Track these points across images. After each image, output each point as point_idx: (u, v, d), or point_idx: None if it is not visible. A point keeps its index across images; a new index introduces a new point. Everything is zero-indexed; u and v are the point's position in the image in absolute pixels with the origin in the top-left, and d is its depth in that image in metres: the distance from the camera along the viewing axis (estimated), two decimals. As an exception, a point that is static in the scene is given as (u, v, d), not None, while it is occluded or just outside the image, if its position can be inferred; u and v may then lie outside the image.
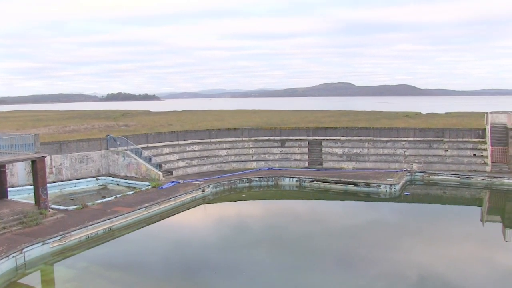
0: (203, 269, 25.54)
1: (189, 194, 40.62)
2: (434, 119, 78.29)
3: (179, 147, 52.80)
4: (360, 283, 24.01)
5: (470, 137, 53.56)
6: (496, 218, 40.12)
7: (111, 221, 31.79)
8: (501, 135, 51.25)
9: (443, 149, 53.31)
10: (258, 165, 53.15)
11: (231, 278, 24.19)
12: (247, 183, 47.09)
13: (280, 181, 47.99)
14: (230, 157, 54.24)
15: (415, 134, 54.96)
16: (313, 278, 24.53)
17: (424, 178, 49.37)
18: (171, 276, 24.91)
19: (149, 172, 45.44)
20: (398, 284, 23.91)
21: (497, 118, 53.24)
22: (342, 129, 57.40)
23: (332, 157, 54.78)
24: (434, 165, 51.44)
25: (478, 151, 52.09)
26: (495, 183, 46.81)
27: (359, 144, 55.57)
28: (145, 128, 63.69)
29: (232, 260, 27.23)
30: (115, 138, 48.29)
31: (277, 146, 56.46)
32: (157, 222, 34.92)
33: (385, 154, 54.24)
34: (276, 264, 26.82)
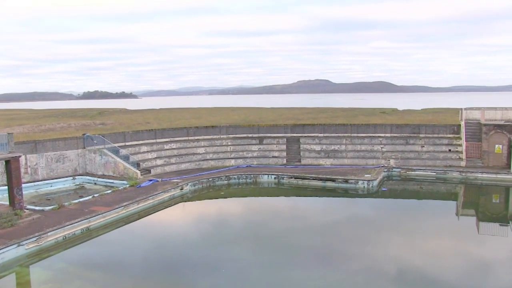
0: (183, 267, 25.48)
1: (168, 193, 40.42)
2: (410, 116, 79.41)
3: (157, 145, 52.47)
4: (340, 278, 24.27)
5: (445, 133, 54.50)
6: (470, 212, 40.91)
7: (89, 221, 31.44)
8: (475, 131, 52.24)
9: (420, 145, 54.10)
10: (237, 163, 53.16)
11: (211, 276, 24.16)
12: (225, 180, 47.05)
13: (259, 178, 48.08)
14: (208, 154, 54.13)
15: (392, 130, 55.66)
16: (294, 274, 24.67)
17: (401, 174, 50.02)
18: (151, 275, 24.74)
19: (127, 171, 45.06)
20: (378, 278, 24.21)
21: (471, 114, 54.28)
22: (320, 126, 57.77)
23: (310, 153, 55.09)
24: (411, 160, 52.14)
25: (453, 147, 53.00)
26: (470, 178, 47.74)
27: (337, 140, 55.99)
28: (123, 127, 63.14)
29: (212, 257, 27.19)
30: (92, 137, 47.74)
31: (255, 144, 56.55)
32: (135, 221, 34.64)
33: (363, 150, 54.77)
34: (257, 260, 26.92)
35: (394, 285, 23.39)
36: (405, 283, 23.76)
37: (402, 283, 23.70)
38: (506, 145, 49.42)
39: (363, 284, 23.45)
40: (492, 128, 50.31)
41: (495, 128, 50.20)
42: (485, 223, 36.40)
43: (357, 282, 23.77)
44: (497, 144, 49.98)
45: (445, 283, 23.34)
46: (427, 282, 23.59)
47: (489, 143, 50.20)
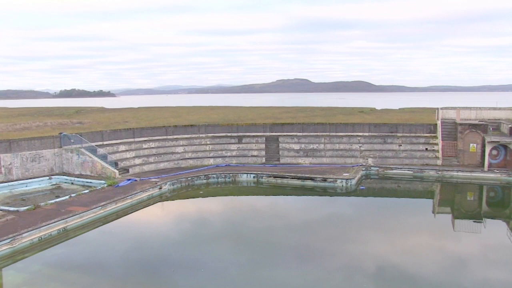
0: (162, 267, 25.33)
1: (146, 192, 40.14)
2: (388, 115, 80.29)
3: (135, 144, 52.05)
4: (320, 275, 24.44)
5: (422, 132, 55.25)
6: (446, 210, 41.61)
7: (66, 221, 31.04)
8: (451, 130, 53.10)
9: (397, 144, 54.74)
10: (216, 162, 53.06)
11: (191, 275, 24.08)
12: (204, 179, 46.92)
13: (238, 177, 48.07)
14: (187, 154, 53.90)
15: (370, 130, 56.20)
16: (274, 272, 24.75)
17: (379, 172, 50.55)
18: (130, 275, 24.57)
19: (104, 170, 44.60)
20: (357, 275, 24.50)
21: (447, 114, 55.17)
22: (298, 125, 57.99)
23: (289, 152, 55.28)
24: (389, 159, 52.74)
25: (430, 146, 53.78)
26: (446, 176, 48.52)
27: (316, 139, 56.30)
28: (100, 126, 62.48)
29: (192, 257, 27.09)
30: (69, 136, 47.12)
31: (234, 143, 56.50)
32: (113, 221, 34.33)
33: (341, 149, 55.17)
34: (237, 259, 26.91)
35: (374, 282, 23.64)
36: (384, 279, 24.07)
37: (381, 280, 23.98)
38: (480, 144, 50.34)
39: (343, 281, 23.70)
40: (467, 128, 51.19)
41: (470, 128, 51.09)
42: (460, 220, 37.09)
43: (337, 279, 24.02)
44: (471, 143, 50.88)
45: (422, 279, 23.73)
46: (405, 278, 24.00)
47: (464, 142, 51.07)
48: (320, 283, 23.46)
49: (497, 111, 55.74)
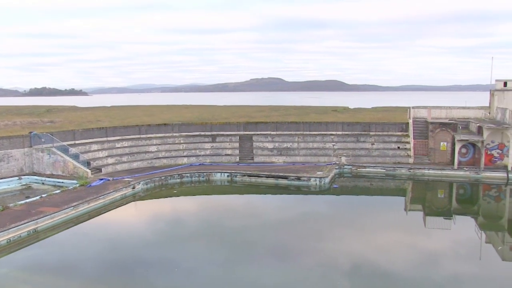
0: (136, 267, 25.11)
1: (119, 192, 39.69)
2: (361, 114, 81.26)
3: (108, 143, 51.40)
4: (296, 274, 24.62)
5: (394, 131, 56.06)
6: (418, 207, 42.33)
7: (36, 222, 30.42)
8: (422, 129, 54.04)
9: (370, 143, 55.41)
10: (189, 161, 52.81)
11: (165, 275, 23.91)
12: (178, 179, 46.67)
13: (212, 176, 47.96)
14: (161, 153, 53.51)
15: (343, 128, 56.74)
16: (250, 270, 24.82)
17: (352, 171, 51.10)
18: (103, 276, 24.26)
19: (76, 170, 43.91)
20: (333, 272, 24.82)
21: (418, 113, 56.17)
22: (272, 123, 58.17)
23: (263, 151, 55.40)
24: (362, 158, 53.35)
25: (402, 144, 54.59)
26: (417, 174, 49.36)
27: (290, 138, 56.55)
28: (72, 125, 61.57)
29: (166, 257, 26.89)
30: (40, 135, 46.25)
31: (208, 141, 56.33)
32: (86, 222, 33.81)
33: (315, 148, 55.56)
34: (212, 258, 26.78)
35: (349, 279, 23.92)
36: (358, 276, 24.37)
37: (356, 276, 24.29)
38: (450, 143, 51.34)
39: (318, 278, 23.87)
40: (437, 126, 52.13)
41: (440, 126, 52.05)
42: (431, 217, 37.78)
43: (311, 276, 24.16)
44: (442, 141, 51.85)
45: (396, 275, 24.17)
46: (380, 274, 24.36)
47: (435, 140, 52.00)
48: (297, 281, 23.61)
49: (466, 110, 57.03)
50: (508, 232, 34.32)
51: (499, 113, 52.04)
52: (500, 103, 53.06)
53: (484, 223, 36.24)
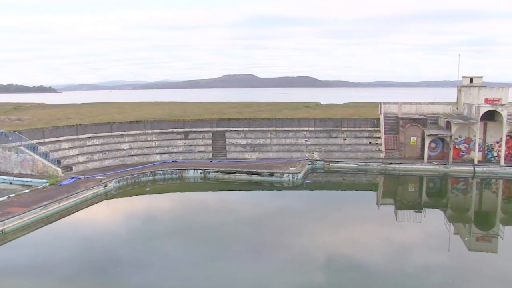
0: (109, 266, 24.88)
1: (91, 190, 39.20)
2: (333, 110, 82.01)
3: (79, 141, 50.62)
4: (272, 268, 24.81)
5: (366, 126, 56.84)
6: (389, 201, 43.10)
7: (3, 223, 29.75)
8: (393, 124, 54.92)
9: (342, 138, 56.03)
10: (162, 158, 52.47)
11: (139, 274, 23.77)
12: (151, 176, 46.35)
13: (185, 173, 47.78)
14: (133, 150, 53.00)
15: (316, 124, 57.23)
16: (225, 267, 24.83)
17: (324, 166, 51.59)
18: (75, 275, 23.90)
19: (46, 169, 43.14)
20: (307, 266, 25.10)
21: (389, 108, 57.06)
22: (245, 120, 58.26)
23: (236, 148, 55.44)
24: (334, 153, 53.90)
25: (373, 139, 55.38)
26: (389, 169, 50.18)
27: (262, 134, 56.74)
28: (41, 122, 60.39)
29: (140, 254, 26.69)
30: (7, 133, 45.23)
31: (180, 138, 56.06)
32: (57, 221, 33.27)
33: (288, 144, 55.87)
34: (186, 255, 26.79)
35: (323, 272, 24.26)
36: (333, 269, 24.80)
37: (330, 269, 24.67)
38: (420, 137, 52.35)
39: (294, 272, 24.14)
40: (408, 122, 53.07)
41: (410, 122, 53.00)
42: (402, 211, 38.50)
43: (287, 271, 24.42)
44: (412, 136, 52.82)
45: (368, 267, 24.60)
46: (353, 267, 24.83)
47: (406, 135, 52.94)
48: (272, 275, 23.79)
49: (435, 105, 58.23)
50: (475, 224, 35.36)
51: (466, 109, 53.30)
52: (466, 98, 54.34)
53: (453, 216, 37.14)
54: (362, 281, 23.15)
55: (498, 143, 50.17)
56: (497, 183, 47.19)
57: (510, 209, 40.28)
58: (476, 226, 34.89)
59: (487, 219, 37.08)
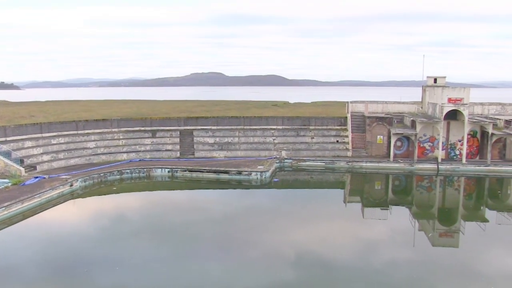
0: (75, 267, 24.40)
1: (56, 190, 38.40)
2: (301, 108, 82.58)
3: (43, 140, 49.50)
4: (241, 266, 24.93)
5: (333, 125, 57.46)
6: (356, 199, 43.76)
7: (-35, 223, 28.95)
8: (360, 123, 55.70)
9: (310, 137, 56.50)
10: (129, 157, 51.87)
11: (106, 273, 23.46)
12: (118, 175, 45.76)
13: (152, 172, 47.36)
14: (100, 149, 52.20)
15: (284, 123, 57.52)
16: (194, 265, 24.72)
17: (292, 165, 51.94)
18: (39, 277, 23.44)
19: (8, 168, 42.05)
20: (277, 263, 25.31)
21: (356, 107, 57.83)
22: (213, 118, 58.11)
23: (204, 146, 55.26)
24: (302, 151, 54.31)
25: (341, 138, 56.04)
26: (355, 167, 50.88)
27: (230, 133, 56.71)
28: (3, 120, 58.76)
29: (107, 254, 26.37)
30: (-33, 132, 43.88)
31: (148, 137, 55.50)
32: (20, 222, 32.52)
33: (256, 142, 56.01)
34: (155, 254, 26.50)
35: (292, 269, 24.48)
36: (301, 266, 25.06)
37: (298, 266, 24.93)
38: (386, 136, 53.27)
39: (263, 269, 24.31)
40: (374, 120, 53.93)
41: (377, 120, 53.88)
42: (369, 208, 39.17)
43: (256, 268, 24.59)
44: (379, 135, 53.72)
45: (336, 264, 25.06)
46: (320, 263, 25.19)
47: (372, 134, 53.79)
48: (241, 273, 23.89)
49: (401, 105, 59.30)
50: (438, 220, 36.32)
51: (430, 108, 54.50)
52: (431, 98, 55.56)
53: (417, 212, 37.95)
54: (330, 277, 23.49)
55: (460, 142, 51.52)
56: (459, 180, 48.50)
57: (471, 206, 41.58)
58: (440, 222, 35.81)
59: (449, 215, 38.09)
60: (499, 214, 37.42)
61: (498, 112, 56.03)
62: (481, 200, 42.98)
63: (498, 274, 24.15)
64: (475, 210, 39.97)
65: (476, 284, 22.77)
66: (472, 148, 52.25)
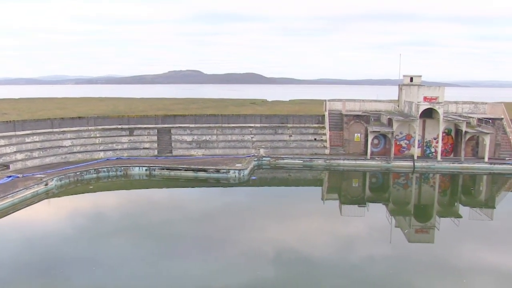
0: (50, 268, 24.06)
1: (30, 189, 37.75)
2: (279, 106, 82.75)
3: (16, 138, 48.60)
4: (222, 263, 24.88)
5: (311, 123, 57.76)
6: (334, 196, 44.11)
7: None
8: (337, 121, 56.11)
9: (288, 135, 56.70)
10: (106, 155, 51.32)
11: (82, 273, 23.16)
12: (94, 174, 45.24)
13: (129, 170, 46.95)
14: (76, 147, 51.51)
15: (262, 121, 57.59)
16: (172, 264, 24.59)
17: (270, 163, 52.05)
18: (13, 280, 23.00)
19: (-19, 167, 41.23)
20: (255, 261, 25.40)
21: (334, 105, 58.24)
22: (191, 116, 57.85)
23: (182, 144, 55.00)
24: (280, 149, 54.46)
25: (318, 136, 56.39)
26: (333, 165, 51.25)
27: (208, 131, 56.56)
28: (-25, 118, 57.49)
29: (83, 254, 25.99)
30: None
31: (125, 135, 54.96)
32: (-8, 222, 31.89)
33: (234, 140, 55.97)
34: (132, 253, 26.31)
35: (270, 266, 24.54)
36: (280, 263, 25.15)
37: (277, 264, 25.00)
38: (363, 134, 53.77)
39: (241, 267, 24.35)
40: (352, 118, 54.36)
41: (354, 119, 54.32)
42: (346, 205, 39.54)
43: (235, 266, 24.60)
44: (356, 133, 54.18)
45: (314, 261, 25.15)
46: (299, 260, 25.32)
47: (350, 132, 54.22)
48: (219, 271, 23.83)
49: (378, 103, 59.98)
50: (414, 217, 36.81)
51: (407, 106, 55.21)
52: (407, 96, 56.29)
53: (394, 209, 38.43)
54: (309, 273, 23.60)
55: (435, 140, 52.33)
56: (434, 177, 49.28)
57: (445, 202, 42.31)
58: (415, 218, 36.32)
59: (425, 211, 38.64)
60: (472, 210, 38.25)
61: (471, 111, 57.17)
62: (455, 197, 43.76)
63: (470, 268, 24.84)
64: (450, 206, 40.68)
65: (449, 278, 23.20)
66: (446, 145, 53.12)
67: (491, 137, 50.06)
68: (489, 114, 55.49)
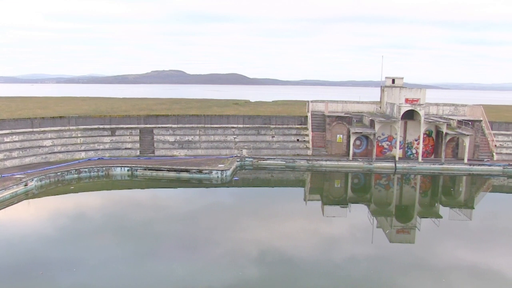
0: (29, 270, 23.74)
1: (9, 190, 37.21)
2: (261, 107, 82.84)
3: (-4, 138, 47.90)
4: (206, 263, 24.89)
5: (294, 124, 57.97)
6: (316, 197, 44.31)
7: None
8: (320, 122, 56.40)
9: (270, 135, 56.80)
10: (88, 155, 50.83)
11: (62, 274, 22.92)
12: (75, 174, 44.79)
13: (111, 170, 46.58)
14: (56, 147, 50.92)
15: (245, 121, 57.62)
16: (155, 264, 24.43)
17: (253, 163, 52.10)
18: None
19: (-41, 167, 40.53)
20: (241, 259, 25.57)
21: (316, 106, 58.54)
22: (173, 116, 57.61)
23: (164, 144, 54.74)
24: (262, 150, 54.54)
25: (301, 137, 56.60)
26: (315, 165, 51.49)
27: (191, 131, 56.40)
28: (-47, 118, 56.47)
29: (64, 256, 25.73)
30: None
31: (107, 135, 54.51)
32: (-30, 223, 31.35)
33: (216, 141, 55.88)
34: (114, 254, 26.14)
35: (253, 266, 24.60)
36: (263, 263, 25.26)
37: (260, 263, 25.09)
38: (346, 135, 54.13)
39: (224, 267, 24.34)
40: (334, 120, 54.68)
41: (336, 120, 54.65)
42: (329, 206, 39.76)
43: (218, 266, 24.60)
44: (338, 134, 54.52)
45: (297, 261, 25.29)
46: (282, 261, 25.48)
47: (332, 133, 54.54)
48: (204, 271, 23.81)
49: (360, 104, 60.44)
50: (395, 217, 37.22)
51: (388, 108, 55.74)
52: (389, 98, 56.81)
53: (376, 210, 38.78)
54: (292, 273, 23.76)
55: (416, 141, 52.95)
56: (415, 178, 49.84)
57: (426, 203, 42.88)
58: (397, 219, 36.71)
59: (406, 212, 39.08)
60: (452, 211, 38.83)
61: (451, 113, 57.99)
62: (435, 197, 44.33)
63: (449, 267, 25.23)
64: (430, 207, 41.23)
65: (429, 277, 23.56)
66: (427, 147, 53.79)
67: (470, 139, 50.86)
68: (468, 116, 56.36)
